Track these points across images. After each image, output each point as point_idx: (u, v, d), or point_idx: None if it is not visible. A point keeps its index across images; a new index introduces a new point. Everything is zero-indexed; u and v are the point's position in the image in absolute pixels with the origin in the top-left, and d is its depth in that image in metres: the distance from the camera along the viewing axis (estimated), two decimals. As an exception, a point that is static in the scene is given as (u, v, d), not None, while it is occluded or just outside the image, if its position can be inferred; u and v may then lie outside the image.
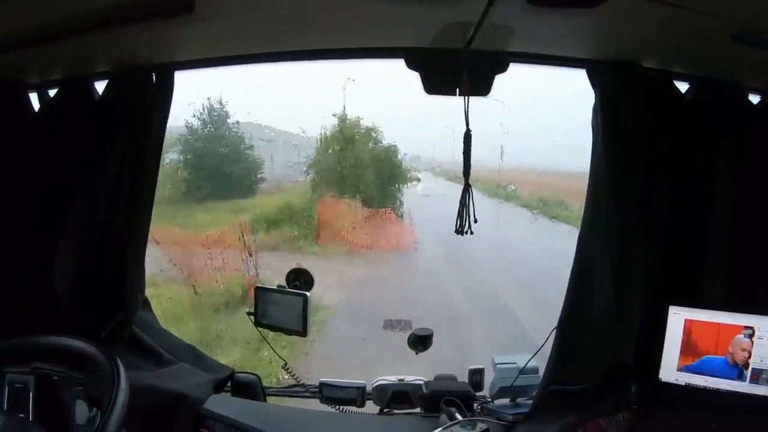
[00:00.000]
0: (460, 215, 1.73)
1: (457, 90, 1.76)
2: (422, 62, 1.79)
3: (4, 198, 1.87)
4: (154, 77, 1.86)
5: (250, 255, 9.12)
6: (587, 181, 1.89)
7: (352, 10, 1.46)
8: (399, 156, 13.08)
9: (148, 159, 1.90)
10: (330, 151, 12.54)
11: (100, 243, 1.89)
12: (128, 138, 1.85)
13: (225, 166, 12.34)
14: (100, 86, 1.94)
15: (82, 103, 1.92)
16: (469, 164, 1.76)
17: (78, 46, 1.60)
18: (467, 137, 1.76)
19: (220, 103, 12.63)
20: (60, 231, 1.87)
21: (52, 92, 1.99)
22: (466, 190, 1.74)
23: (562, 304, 1.97)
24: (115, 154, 1.85)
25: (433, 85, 1.81)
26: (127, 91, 1.86)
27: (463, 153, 1.77)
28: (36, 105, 1.99)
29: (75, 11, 1.35)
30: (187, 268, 8.42)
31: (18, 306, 1.89)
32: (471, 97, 1.75)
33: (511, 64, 1.83)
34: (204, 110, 12.39)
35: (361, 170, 12.18)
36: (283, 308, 2.03)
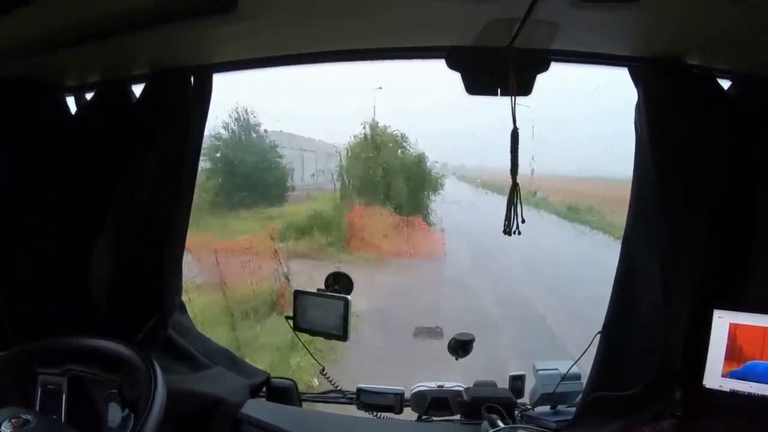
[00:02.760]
0: (507, 216, 1.72)
1: (499, 90, 1.75)
2: (464, 62, 1.78)
3: (41, 199, 1.88)
4: (192, 80, 1.87)
5: (281, 262, 9.17)
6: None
7: (396, 8, 1.45)
8: (428, 163, 13.09)
9: (187, 162, 1.91)
10: (360, 159, 12.58)
11: (137, 245, 1.90)
12: (166, 141, 1.86)
13: (254, 174, 12.43)
14: (137, 89, 1.95)
15: (119, 105, 1.93)
16: (517, 162, 1.74)
17: (115, 48, 1.61)
18: (515, 135, 1.74)
19: (248, 111, 12.76)
20: (97, 233, 1.88)
21: (88, 96, 2.01)
22: (514, 188, 1.73)
23: (600, 309, 1.94)
24: (153, 156, 1.85)
25: (475, 85, 1.79)
26: (165, 94, 1.87)
27: (511, 151, 1.75)
28: (72, 108, 2.01)
29: (114, 11, 1.35)
30: (218, 275, 8.49)
31: (54, 307, 1.90)
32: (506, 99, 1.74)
33: (552, 64, 1.80)
34: (232, 119, 12.54)
35: (390, 178, 12.19)
36: (323, 312, 2.01)
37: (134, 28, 1.43)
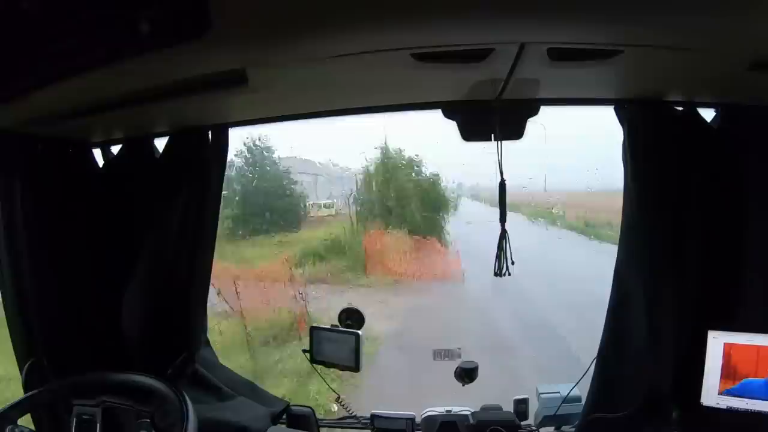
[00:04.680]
0: (497, 258, 1.82)
1: (492, 135, 1.86)
2: (458, 113, 1.90)
3: (74, 247, 2.00)
4: (210, 135, 2.00)
5: (299, 288, 9.18)
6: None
7: (391, 76, 1.57)
8: (442, 184, 13.03)
9: (208, 209, 2.03)
10: (374, 182, 12.56)
11: (165, 287, 2.01)
12: (188, 191, 1.98)
13: (270, 201, 12.44)
14: (160, 143, 2.09)
15: (144, 160, 2.07)
16: (505, 211, 1.84)
17: (140, 112, 1.74)
18: (502, 186, 1.85)
19: (261, 139, 12.81)
20: (127, 277, 2.00)
21: (114, 149, 2.14)
22: (503, 235, 1.83)
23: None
24: (177, 205, 1.97)
25: (470, 133, 1.92)
26: (186, 149, 2.00)
27: (499, 201, 1.86)
28: (100, 161, 2.14)
29: (140, 86, 1.48)
30: (236, 302, 8.51)
31: (88, 346, 2.00)
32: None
33: (542, 107, 1.91)
34: (246, 148, 12.60)
35: (405, 200, 12.15)
36: (337, 346, 2.13)
37: (157, 98, 1.56)
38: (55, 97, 1.48)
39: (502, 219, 1.85)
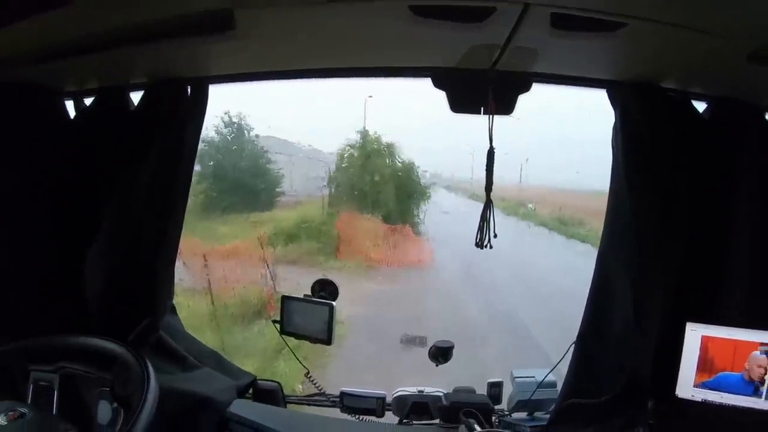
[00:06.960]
0: (480, 229, 1.78)
1: (482, 109, 1.81)
2: (449, 82, 1.84)
3: (37, 201, 1.91)
4: (189, 90, 1.91)
5: (269, 268, 9.16)
6: (606, 199, 1.93)
7: (384, 31, 1.51)
8: (418, 173, 13.09)
9: (182, 168, 1.95)
10: (350, 166, 12.59)
11: (131, 248, 1.92)
12: (162, 148, 1.89)
13: (245, 179, 12.39)
14: (135, 96, 1.99)
15: (117, 112, 1.97)
16: (491, 180, 1.80)
17: (116, 58, 1.65)
18: (490, 154, 1.81)
19: (240, 117, 12.73)
20: (92, 235, 1.91)
21: (87, 101, 2.04)
22: (488, 205, 1.79)
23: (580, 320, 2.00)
24: (149, 162, 1.88)
25: (459, 104, 1.86)
26: (162, 103, 1.90)
27: (486, 169, 1.81)
28: (72, 112, 2.04)
29: (116, 24, 1.40)
30: (206, 279, 8.47)
31: (47, 307, 1.92)
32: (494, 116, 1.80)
33: (534, 84, 1.86)
34: (224, 123, 12.52)
35: (380, 186, 12.20)
36: (309, 317, 2.06)
37: (135, 41, 1.47)
38: (26, 35, 1.40)
39: (488, 188, 1.80)
